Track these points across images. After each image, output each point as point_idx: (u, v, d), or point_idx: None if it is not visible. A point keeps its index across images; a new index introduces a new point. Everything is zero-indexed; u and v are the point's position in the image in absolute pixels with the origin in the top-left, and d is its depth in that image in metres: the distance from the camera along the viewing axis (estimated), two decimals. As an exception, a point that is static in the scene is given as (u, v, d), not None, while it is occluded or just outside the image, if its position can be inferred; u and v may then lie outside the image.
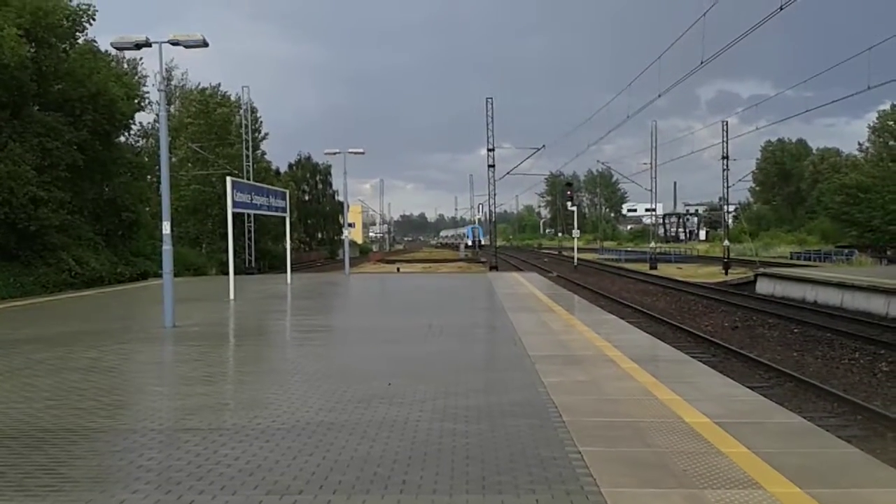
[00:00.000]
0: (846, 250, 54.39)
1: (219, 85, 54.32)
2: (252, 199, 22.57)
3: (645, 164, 62.23)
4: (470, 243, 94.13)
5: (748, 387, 8.97)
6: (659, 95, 33.09)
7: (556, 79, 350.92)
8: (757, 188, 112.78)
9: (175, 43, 14.35)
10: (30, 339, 12.74)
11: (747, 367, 15.42)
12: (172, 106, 53.35)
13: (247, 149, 47.98)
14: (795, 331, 20.35)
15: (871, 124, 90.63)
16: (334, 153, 34.25)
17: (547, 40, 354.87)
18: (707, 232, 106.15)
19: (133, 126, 37.01)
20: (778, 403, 8.23)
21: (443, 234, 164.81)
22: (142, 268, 30.10)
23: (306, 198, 77.11)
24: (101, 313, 18.29)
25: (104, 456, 6.00)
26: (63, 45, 26.47)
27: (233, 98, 53.94)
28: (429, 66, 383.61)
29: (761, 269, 36.93)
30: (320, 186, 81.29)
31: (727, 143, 51.92)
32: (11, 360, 10.49)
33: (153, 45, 14.29)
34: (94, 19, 26.88)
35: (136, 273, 29.51)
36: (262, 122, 56.03)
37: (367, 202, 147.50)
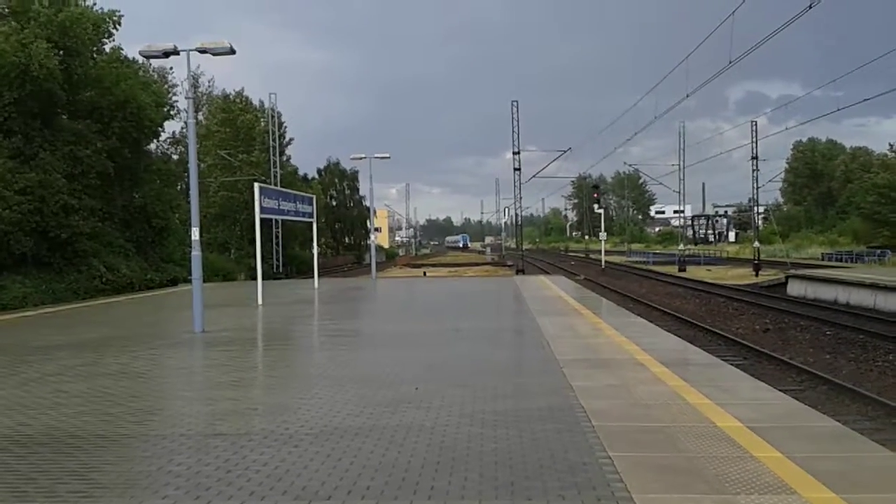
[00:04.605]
0: (878, 251, 53.61)
1: (242, 90, 54.63)
2: (279, 205, 22.71)
3: (673, 165, 61.89)
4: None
5: (780, 390, 8.84)
6: (687, 96, 32.89)
7: (582, 81, 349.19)
8: (787, 189, 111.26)
9: (203, 51, 14.46)
10: (61, 346, 12.90)
11: (779, 370, 15.22)
12: (200, 113, 53.87)
13: (273, 154, 48.28)
14: (828, 333, 20.04)
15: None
16: (360, 158, 34.30)
17: (573, 44, 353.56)
18: (737, 233, 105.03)
19: (163, 133, 37.42)
20: (811, 407, 8.10)
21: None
22: (171, 274, 30.39)
23: (334, 203, 77.38)
24: (132, 319, 18.49)
25: (134, 462, 6.04)
26: (90, 52, 26.75)
27: (257, 104, 54.26)
28: (456, 71, 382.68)
29: (792, 271, 36.46)
30: (348, 191, 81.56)
31: (756, 143, 51.44)
32: (43, 366, 10.62)
33: (181, 53, 14.43)
34: (119, 24, 27.05)
35: (165, 279, 29.78)
36: (286, 127, 56.21)
37: (393, 207, 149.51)
